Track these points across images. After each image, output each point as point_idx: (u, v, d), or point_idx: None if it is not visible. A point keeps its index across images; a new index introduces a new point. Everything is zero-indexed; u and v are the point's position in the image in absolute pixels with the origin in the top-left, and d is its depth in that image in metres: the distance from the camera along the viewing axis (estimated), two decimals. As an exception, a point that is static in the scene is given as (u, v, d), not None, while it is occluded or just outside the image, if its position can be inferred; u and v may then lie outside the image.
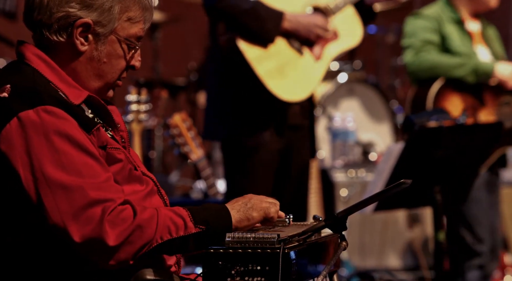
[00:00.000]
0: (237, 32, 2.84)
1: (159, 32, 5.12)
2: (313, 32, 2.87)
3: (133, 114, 3.36)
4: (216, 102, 2.99)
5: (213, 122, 3.00)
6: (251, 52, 2.84)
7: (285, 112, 2.94)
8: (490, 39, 3.63)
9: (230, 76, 2.93)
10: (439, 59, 3.44)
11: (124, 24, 1.73)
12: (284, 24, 2.85)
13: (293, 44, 2.90)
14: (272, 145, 2.94)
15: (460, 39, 3.52)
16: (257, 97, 2.90)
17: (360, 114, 4.97)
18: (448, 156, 2.80)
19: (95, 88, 1.75)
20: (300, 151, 3.03)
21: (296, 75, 2.90)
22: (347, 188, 4.37)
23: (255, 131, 2.92)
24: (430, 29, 3.49)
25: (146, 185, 1.77)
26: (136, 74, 4.29)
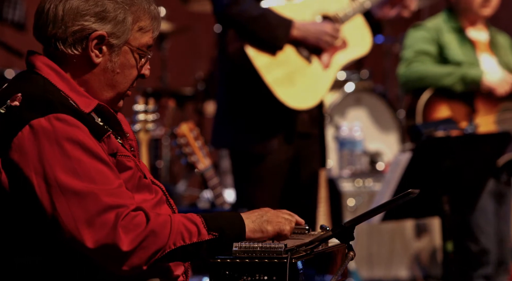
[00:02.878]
0: (246, 39, 2.85)
1: (166, 42, 5.14)
2: (322, 40, 2.88)
3: (140, 124, 3.37)
4: (224, 110, 3.01)
5: (222, 130, 3.01)
6: (260, 59, 2.85)
7: (293, 120, 2.95)
8: (500, 48, 3.62)
9: (239, 84, 2.94)
10: (427, 69, 3.45)
11: (136, 34, 1.75)
12: (293, 32, 2.86)
13: (302, 52, 2.91)
14: (281, 153, 2.95)
15: (460, 48, 3.52)
16: (266, 104, 2.91)
17: (367, 123, 4.97)
18: (455, 166, 2.80)
19: (107, 98, 1.77)
20: (310, 160, 3.03)
21: (304, 83, 2.90)
22: (354, 197, 4.36)
23: (264, 138, 2.93)
24: (427, 40, 3.51)
25: (156, 194, 1.78)
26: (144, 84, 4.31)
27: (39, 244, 1.67)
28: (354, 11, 2.96)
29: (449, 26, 3.55)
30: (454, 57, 3.49)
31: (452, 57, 3.49)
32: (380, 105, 5.00)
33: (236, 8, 2.81)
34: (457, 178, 2.85)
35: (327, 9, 2.96)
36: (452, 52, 3.49)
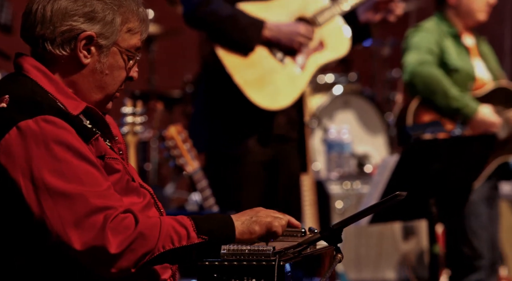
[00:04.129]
0: (216, 40, 2.84)
1: (155, 44, 5.13)
2: (295, 41, 2.87)
3: (128, 126, 3.36)
4: (201, 112, 3.00)
5: (198, 133, 3.01)
6: (230, 60, 2.84)
7: (269, 123, 2.94)
8: (485, 53, 3.65)
9: (213, 85, 2.94)
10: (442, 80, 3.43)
11: (124, 36, 1.74)
12: (265, 32, 2.85)
13: (275, 53, 2.90)
14: (257, 154, 2.94)
15: (457, 53, 3.54)
16: (240, 106, 2.91)
17: (355, 126, 4.99)
18: (443, 168, 2.81)
19: (96, 100, 1.76)
20: (288, 163, 3.02)
21: (276, 84, 2.90)
22: (342, 200, 4.37)
23: (239, 141, 2.92)
24: (433, 41, 3.51)
25: (144, 197, 1.78)
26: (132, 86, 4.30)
27: (28, 247, 1.66)
28: (331, 13, 2.95)
29: (445, 30, 3.56)
30: (453, 62, 3.51)
31: (452, 62, 3.50)
32: (368, 107, 5.01)
33: (206, 9, 2.79)
34: (444, 180, 2.86)
35: (305, 11, 2.96)
36: (451, 57, 3.51)
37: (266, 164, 2.97)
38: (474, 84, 3.54)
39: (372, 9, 3.02)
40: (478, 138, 3.10)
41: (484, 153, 2.94)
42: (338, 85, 5.04)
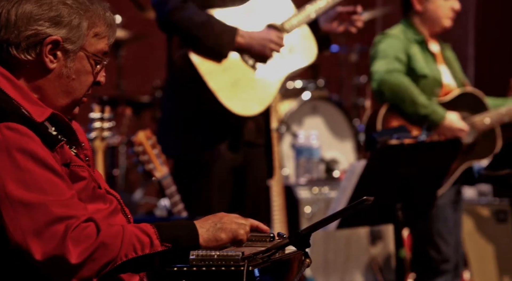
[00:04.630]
0: (190, 45, 2.84)
1: (122, 49, 5.11)
2: (267, 48, 2.89)
3: (96, 132, 3.34)
4: (169, 118, 3.00)
5: (167, 138, 3.00)
6: (204, 66, 2.85)
7: (239, 129, 2.96)
8: (449, 59, 3.70)
9: (184, 91, 2.94)
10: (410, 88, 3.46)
11: (91, 40, 1.73)
12: (238, 39, 2.86)
13: (246, 60, 2.91)
14: (227, 161, 2.95)
15: (424, 60, 3.58)
16: (211, 112, 2.91)
17: (323, 131, 5.02)
18: (409, 173, 2.84)
19: (62, 105, 1.75)
20: (256, 169, 3.04)
21: (249, 90, 2.91)
22: (311, 205, 4.40)
23: (209, 146, 2.93)
24: (400, 49, 3.55)
25: (110, 203, 1.77)
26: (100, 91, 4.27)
27: None
28: (299, 21, 2.98)
29: (411, 37, 3.61)
30: (420, 69, 3.55)
31: (419, 69, 3.54)
32: (336, 113, 5.05)
33: (180, 15, 2.80)
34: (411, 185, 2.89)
35: (273, 18, 2.98)
36: (418, 63, 3.55)
37: (235, 170, 2.98)
38: (441, 90, 3.58)
39: (334, 19, 3.05)
40: (444, 143, 3.14)
41: (449, 158, 2.99)
42: (306, 91, 5.07)
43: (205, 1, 2.89)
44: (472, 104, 3.58)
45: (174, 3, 2.79)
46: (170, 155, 3.09)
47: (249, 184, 3.01)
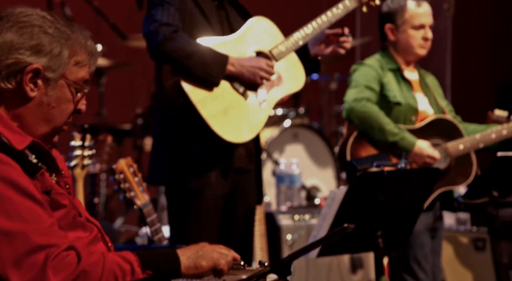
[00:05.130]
0: (182, 75, 2.86)
1: (103, 77, 5.11)
2: (258, 76, 2.91)
3: (77, 160, 3.33)
4: (160, 146, 3.00)
5: (158, 166, 3.00)
6: (196, 94, 2.86)
7: (230, 155, 2.96)
8: (429, 87, 3.74)
9: (175, 119, 2.94)
10: (379, 116, 3.49)
11: (72, 68, 1.74)
12: (229, 68, 2.89)
13: (237, 87, 2.94)
14: (217, 188, 2.95)
15: (399, 88, 3.62)
16: (202, 139, 2.92)
17: (304, 159, 5.04)
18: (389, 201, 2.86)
19: (43, 133, 1.74)
20: (246, 195, 3.04)
21: (240, 117, 2.93)
22: (292, 232, 4.39)
23: (200, 173, 2.93)
24: (373, 78, 3.59)
25: (90, 231, 1.76)
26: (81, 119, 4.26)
27: None
28: (288, 49, 3.01)
29: (387, 66, 3.65)
30: (393, 97, 3.58)
31: (392, 97, 3.58)
32: (317, 141, 5.08)
33: (171, 45, 2.82)
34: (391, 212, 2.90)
35: (262, 46, 3.01)
36: (391, 92, 3.58)
37: (225, 197, 2.98)
38: (417, 117, 3.62)
39: (323, 42, 3.09)
40: (423, 171, 3.17)
41: (428, 186, 3.01)
42: (287, 119, 5.10)
43: (195, 31, 2.91)
44: (447, 131, 3.62)
45: (165, 33, 2.81)
46: (161, 183, 3.08)
47: (239, 211, 3.02)
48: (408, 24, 3.62)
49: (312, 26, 3.02)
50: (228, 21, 3.00)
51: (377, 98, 3.57)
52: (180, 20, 2.87)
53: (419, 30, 3.62)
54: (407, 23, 3.62)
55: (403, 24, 3.63)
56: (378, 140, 3.51)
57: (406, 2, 3.64)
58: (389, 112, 3.57)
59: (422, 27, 3.61)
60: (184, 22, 2.89)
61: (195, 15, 2.93)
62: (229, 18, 3.01)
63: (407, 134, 3.51)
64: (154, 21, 2.84)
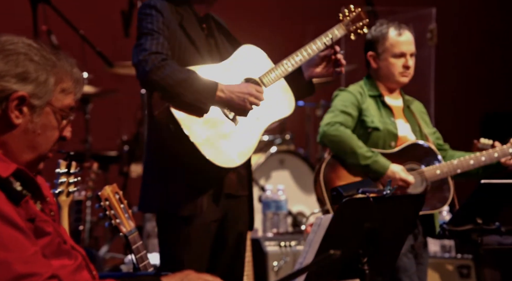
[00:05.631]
0: (172, 102, 2.87)
1: (89, 104, 5.12)
2: (247, 101, 2.93)
3: (62, 187, 3.31)
4: (152, 173, 2.99)
5: (149, 194, 2.99)
6: (186, 120, 2.87)
7: (221, 181, 2.97)
8: (414, 114, 3.76)
9: (165, 146, 2.95)
10: (352, 140, 3.53)
11: (58, 96, 1.75)
12: (219, 94, 2.90)
13: (227, 113, 2.95)
14: (209, 214, 2.94)
15: (379, 113, 3.65)
16: (193, 166, 2.92)
17: (290, 185, 5.05)
18: (375, 227, 2.86)
19: (28, 160, 1.74)
20: (237, 221, 3.03)
21: (231, 143, 2.94)
22: (278, 258, 4.38)
23: (192, 200, 2.92)
24: (351, 104, 3.63)
25: (75, 259, 1.75)
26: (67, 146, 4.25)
27: None
28: (277, 75, 3.04)
29: (368, 92, 3.69)
30: (371, 123, 3.61)
31: (370, 122, 3.61)
32: (303, 167, 5.09)
33: (160, 73, 2.83)
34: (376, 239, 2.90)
35: (251, 72, 3.04)
36: (369, 118, 3.61)
37: (216, 223, 2.98)
38: (397, 143, 3.65)
39: (318, 65, 3.12)
40: (408, 197, 3.18)
41: (413, 212, 3.02)
42: (273, 145, 5.11)
43: (185, 59, 2.93)
44: (424, 156, 3.63)
45: (154, 62, 2.83)
46: (152, 210, 3.07)
47: (230, 237, 3.01)
48: (389, 52, 3.66)
49: (301, 54, 3.06)
50: (217, 49, 3.03)
51: (354, 123, 3.61)
52: (169, 48, 2.89)
53: (399, 58, 3.65)
54: (388, 51, 3.66)
55: (384, 52, 3.67)
56: (350, 164, 3.54)
57: (387, 30, 3.68)
58: (368, 137, 3.60)
59: (403, 55, 3.65)
60: (173, 50, 2.91)
61: (184, 44, 2.95)
62: (218, 46, 3.03)
63: (380, 158, 3.54)
64: (143, 50, 2.85)
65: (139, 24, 2.92)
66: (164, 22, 2.90)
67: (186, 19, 2.96)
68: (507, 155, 3.61)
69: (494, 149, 3.63)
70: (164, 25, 2.89)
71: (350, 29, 3.18)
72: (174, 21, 2.93)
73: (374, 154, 3.54)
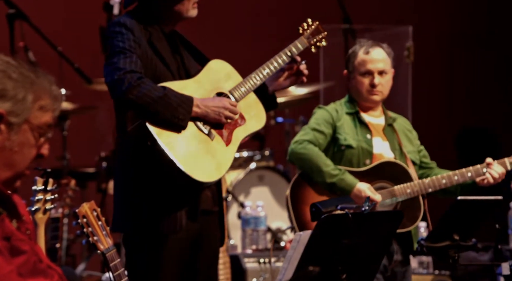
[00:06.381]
0: (148, 119, 2.87)
1: (67, 121, 5.09)
2: (223, 115, 2.94)
3: (38, 204, 3.28)
4: (125, 192, 2.98)
5: (123, 213, 2.97)
6: (164, 137, 2.87)
7: (197, 197, 2.96)
8: (396, 132, 3.76)
9: (140, 163, 2.93)
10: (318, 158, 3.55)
11: (36, 113, 1.74)
12: (194, 109, 2.91)
13: (202, 128, 2.95)
14: (184, 232, 2.93)
15: (354, 130, 3.66)
16: (169, 182, 2.91)
17: (270, 201, 5.05)
18: (353, 244, 2.87)
19: (4, 178, 1.72)
20: (211, 237, 3.03)
21: (208, 157, 2.94)
22: (257, 275, 4.37)
23: (170, 217, 2.91)
24: (325, 121, 3.65)
25: (51, 278, 1.73)
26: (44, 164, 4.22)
27: None
28: (247, 89, 3.06)
29: (346, 109, 3.71)
30: (343, 141, 3.63)
31: (342, 140, 3.62)
32: (282, 183, 5.10)
33: (136, 92, 2.83)
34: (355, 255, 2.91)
35: (222, 87, 3.06)
36: (342, 136, 3.63)
37: (191, 239, 2.97)
38: (372, 161, 3.66)
39: (280, 77, 3.15)
40: (387, 214, 3.19)
41: (392, 229, 3.04)
42: (253, 162, 5.12)
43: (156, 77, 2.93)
44: (395, 174, 3.62)
45: (130, 81, 2.83)
46: (124, 229, 3.04)
47: (204, 252, 3.00)
48: (357, 71, 3.68)
49: (267, 67, 3.09)
50: (183, 66, 3.04)
51: (327, 140, 3.62)
52: (142, 67, 2.90)
53: (367, 77, 3.66)
54: (356, 69, 3.68)
55: (353, 70, 3.70)
56: (317, 182, 3.56)
57: (357, 49, 3.71)
58: (342, 155, 3.61)
59: (369, 73, 3.65)
60: (145, 68, 2.92)
61: (155, 61, 2.96)
62: (184, 63, 3.05)
63: (347, 176, 3.55)
64: (118, 69, 2.85)
65: (110, 42, 2.91)
66: (135, 40, 2.90)
67: (155, 36, 2.98)
68: (481, 175, 3.61)
69: (468, 168, 3.64)
70: (135, 43, 2.90)
71: (311, 42, 3.22)
72: (143, 39, 2.94)
73: (341, 172, 3.55)
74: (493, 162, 3.61)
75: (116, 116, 3.00)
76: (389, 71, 3.71)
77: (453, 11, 7.11)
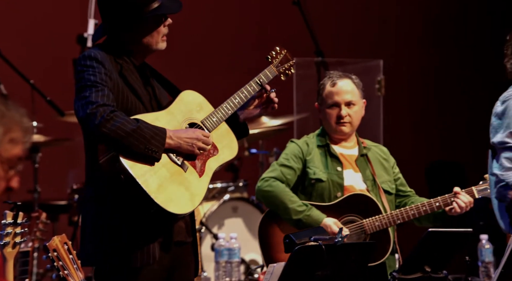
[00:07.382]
0: (121, 152, 2.86)
1: (39, 153, 5.04)
2: (196, 146, 2.94)
3: (8, 238, 3.23)
4: (94, 226, 2.94)
5: (92, 247, 2.93)
6: (137, 169, 2.85)
7: (171, 229, 2.94)
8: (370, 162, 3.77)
9: (111, 196, 2.91)
10: (284, 196, 3.55)
11: (6, 146, 1.73)
12: (168, 141, 2.91)
13: (175, 160, 2.95)
14: (158, 263, 2.91)
15: (324, 163, 3.67)
16: (141, 215, 2.89)
17: (244, 233, 5.03)
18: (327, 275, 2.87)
19: None
20: (185, 268, 3.01)
21: (182, 189, 2.93)
22: (231, 308, 4.32)
23: (143, 250, 2.88)
24: (294, 156, 3.66)
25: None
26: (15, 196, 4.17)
27: None
28: (218, 119, 3.07)
29: (317, 143, 3.72)
30: (313, 174, 3.64)
31: (312, 174, 3.63)
32: (256, 214, 5.09)
33: (110, 125, 2.82)
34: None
35: (194, 117, 3.06)
36: (311, 170, 3.64)
37: (165, 271, 2.94)
38: (344, 193, 3.66)
39: (250, 105, 3.17)
40: (360, 245, 3.20)
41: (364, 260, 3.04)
42: (226, 193, 5.11)
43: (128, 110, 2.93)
44: (364, 207, 3.62)
45: (103, 114, 2.81)
46: (96, 263, 3.00)
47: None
48: (325, 103, 3.71)
49: (238, 97, 3.11)
50: (155, 97, 3.05)
51: (296, 175, 3.63)
52: (114, 99, 2.89)
53: (334, 109, 3.68)
54: (324, 102, 3.72)
55: (321, 103, 3.74)
56: (284, 219, 3.56)
57: (324, 82, 3.75)
58: (313, 188, 3.62)
59: (336, 105, 3.67)
60: (117, 101, 2.92)
61: (127, 93, 2.95)
62: (156, 94, 3.06)
63: (314, 212, 3.55)
64: (90, 103, 2.83)
65: (80, 76, 2.90)
66: (106, 73, 2.90)
67: (126, 68, 2.98)
68: (449, 204, 3.64)
69: (436, 199, 3.66)
70: (106, 76, 2.89)
71: (280, 70, 3.25)
72: (115, 71, 2.94)
73: (307, 208, 3.56)
74: (460, 191, 3.64)
75: (86, 148, 2.98)
76: (357, 102, 3.72)
77: (424, 46, 7.25)
